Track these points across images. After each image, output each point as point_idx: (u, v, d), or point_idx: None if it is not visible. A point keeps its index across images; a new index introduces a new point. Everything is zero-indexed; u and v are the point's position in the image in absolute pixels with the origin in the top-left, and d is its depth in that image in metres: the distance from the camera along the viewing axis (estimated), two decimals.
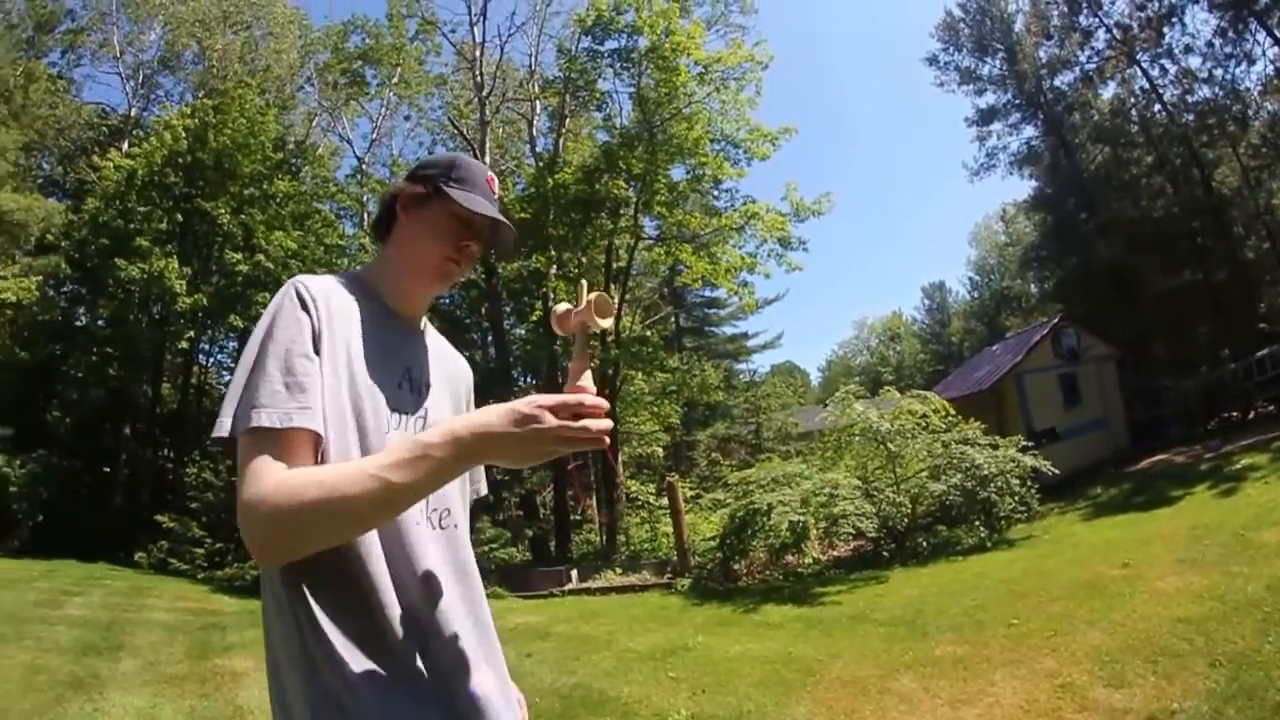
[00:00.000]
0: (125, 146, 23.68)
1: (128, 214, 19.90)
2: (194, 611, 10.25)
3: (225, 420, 0.97)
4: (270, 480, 0.90)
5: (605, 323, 1.04)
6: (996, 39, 25.50)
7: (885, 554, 9.41)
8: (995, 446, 9.93)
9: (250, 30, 27.88)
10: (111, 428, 22.10)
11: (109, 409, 21.45)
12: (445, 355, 1.28)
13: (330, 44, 22.62)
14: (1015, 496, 9.53)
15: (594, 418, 0.91)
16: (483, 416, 0.91)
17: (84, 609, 9.30)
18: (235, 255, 20.19)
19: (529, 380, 25.15)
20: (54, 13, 27.11)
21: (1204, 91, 21.83)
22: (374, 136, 25.76)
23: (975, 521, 9.38)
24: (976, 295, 45.11)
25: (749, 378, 33.27)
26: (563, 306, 1.08)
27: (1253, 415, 14.89)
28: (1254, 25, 19.91)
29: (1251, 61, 20.59)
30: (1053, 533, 9.40)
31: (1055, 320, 16.36)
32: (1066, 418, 14.38)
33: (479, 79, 20.98)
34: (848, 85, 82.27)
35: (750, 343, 35.60)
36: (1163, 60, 22.20)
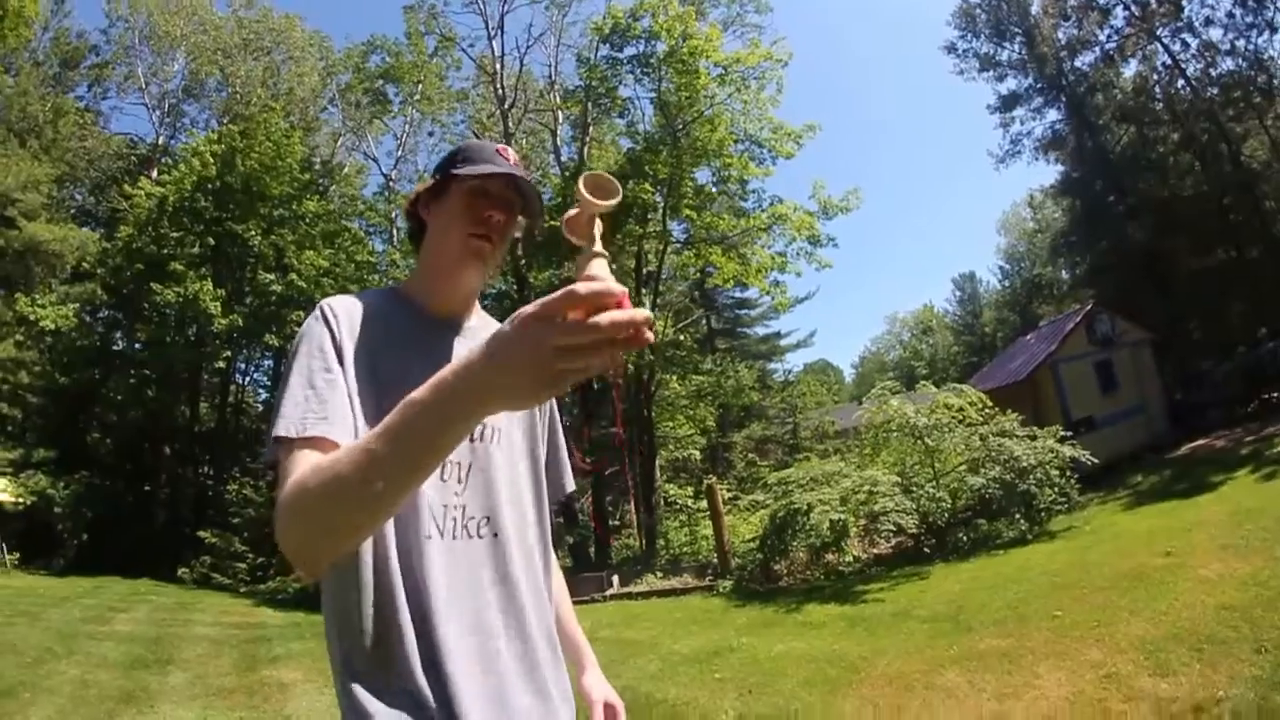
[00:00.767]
0: (155, 174, 24.24)
1: (161, 239, 20.40)
2: (239, 625, 10.42)
3: (269, 449, 0.97)
4: (287, 483, 0.87)
5: (608, 202, 0.84)
6: (1014, 23, 25.16)
7: (926, 550, 9.37)
8: (1033, 437, 9.85)
9: (271, 55, 28.45)
10: (151, 448, 22.65)
11: (148, 429, 21.95)
12: None
13: (351, 64, 22.94)
14: (1055, 487, 9.45)
15: (608, 310, 0.64)
16: (469, 354, 0.71)
17: (131, 624, 9.50)
18: (268, 275, 20.63)
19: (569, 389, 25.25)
20: (78, 49, 27.86)
21: (1227, 64, 21.41)
22: (399, 153, 26.13)
23: (1015, 514, 9.29)
24: (1008, 284, 44.39)
25: (784, 377, 33.06)
26: (571, 211, 0.87)
27: None
28: None
29: (1274, 30, 20.20)
30: (1094, 523, 9.30)
31: (1088, 306, 16.11)
32: (1104, 405, 14.16)
33: (500, 92, 21.14)
34: (870, 79, 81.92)
35: (783, 342, 35.33)
36: (1183, 34, 21.81)
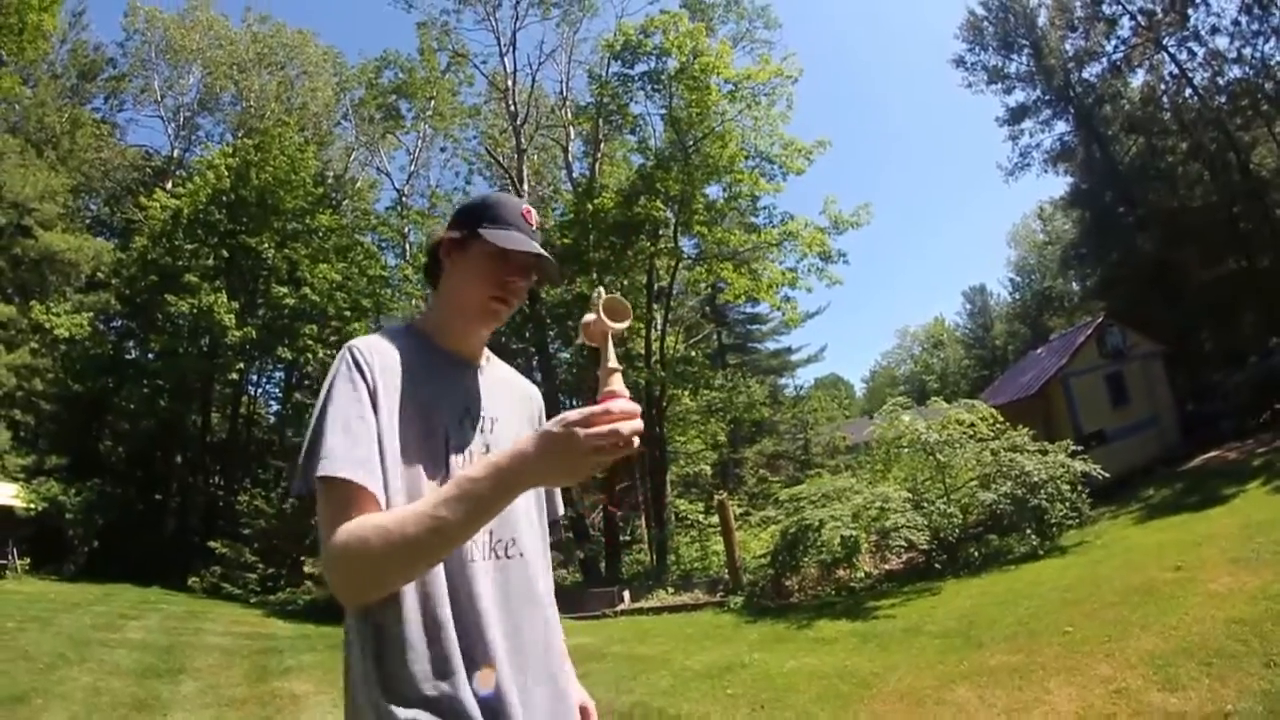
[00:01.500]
0: (169, 186, 24.49)
1: (175, 251, 20.60)
2: (250, 635, 10.43)
3: (300, 482, 1.06)
4: (341, 530, 0.98)
5: (620, 324, 1.06)
6: (1021, 35, 25.24)
7: (937, 565, 9.36)
8: (1044, 452, 9.86)
9: (285, 70, 28.78)
10: (163, 456, 22.84)
11: (160, 438, 22.12)
12: (512, 383, 1.34)
13: (364, 80, 23.19)
14: (1066, 502, 9.43)
15: (624, 422, 0.92)
16: (520, 444, 0.95)
17: (142, 632, 9.51)
18: (281, 288, 20.78)
19: (575, 403, 25.41)
20: (96, 61, 28.28)
21: (1234, 72, 21.37)
22: (412, 168, 26.33)
23: (1026, 529, 9.28)
24: (1018, 297, 44.30)
25: (795, 393, 33.01)
26: (589, 316, 1.09)
27: None
28: None
29: None
30: (1105, 537, 9.30)
31: (1099, 319, 16.10)
32: (1115, 418, 14.12)
33: (512, 108, 21.28)
34: (879, 93, 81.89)
35: (793, 357, 35.33)
36: (1190, 43, 21.80)
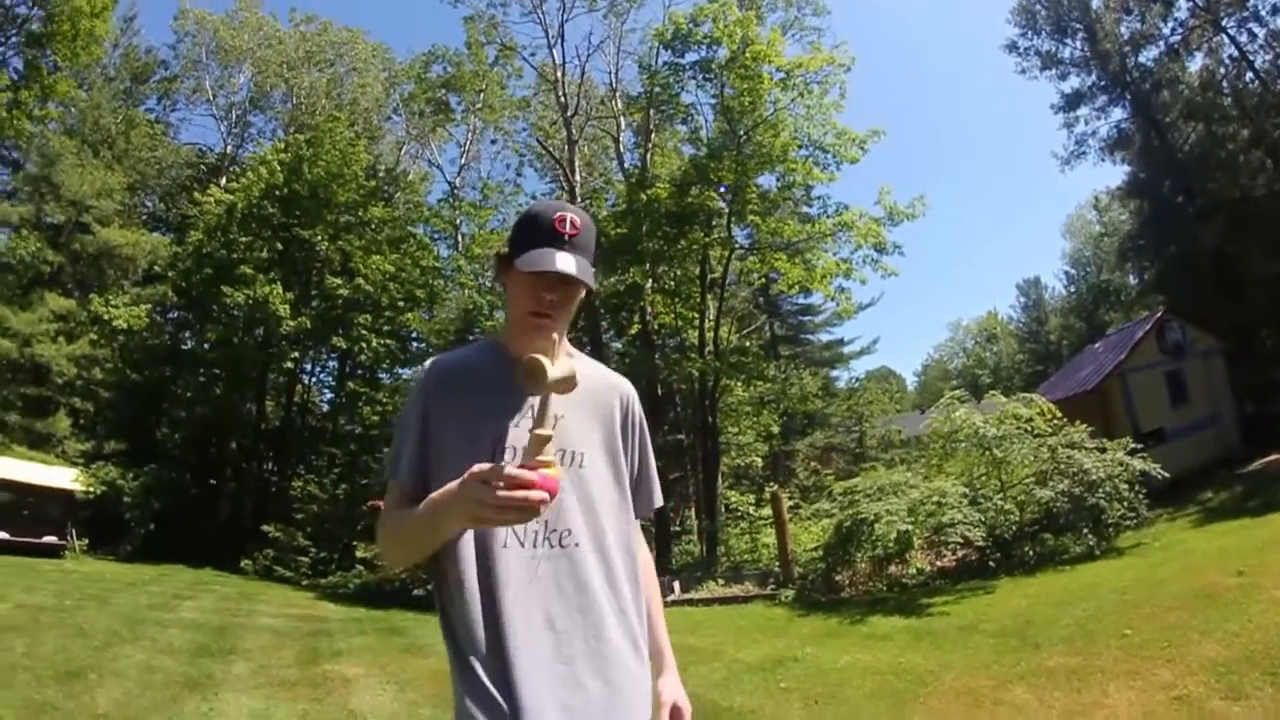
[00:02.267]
0: (223, 182, 25.21)
1: (230, 244, 21.22)
2: (301, 617, 10.67)
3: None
4: (383, 515, 1.30)
5: (532, 389, 1.13)
6: (1075, 18, 24.42)
7: (991, 563, 9.25)
8: (1102, 450, 9.66)
9: (334, 68, 29.35)
10: (218, 443, 23.54)
11: (215, 425, 22.80)
12: (597, 379, 1.41)
13: (413, 75, 23.52)
14: (1124, 502, 9.23)
15: (537, 491, 1.01)
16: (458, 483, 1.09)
17: (195, 612, 9.73)
18: (335, 280, 21.30)
19: None
20: (148, 64, 29.23)
21: None
22: (463, 161, 26.57)
23: (1083, 529, 9.11)
24: (1074, 290, 43.32)
25: (847, 385, 32.72)
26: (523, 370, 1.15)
27: None
28: None
29: None
30: (1163, 540, 9.12)
31: (1158, 314, 15.64)
32: (1174, 417, 13.73)
33: (562, 99, 21.36)
34: (933, 82, 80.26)
35: (846, 349, 34.84)
36: (1250, 24, 20.94)
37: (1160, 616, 5.54)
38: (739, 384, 18.66)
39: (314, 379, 26.48)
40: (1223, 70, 22.49)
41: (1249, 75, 21.65)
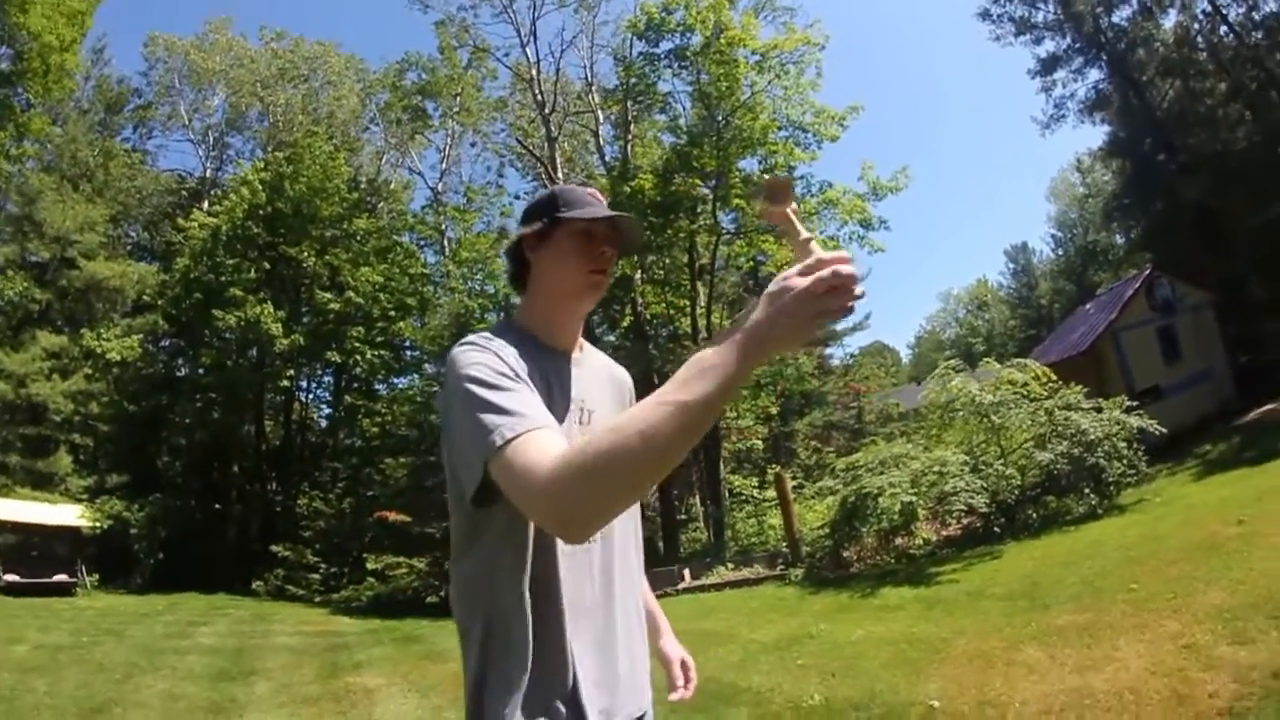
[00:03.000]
0: (206, 206, 25.13)
1: (217, 268, 21.18)
2: (318, 634, 10.71)
3: (474, 470, 1.01)
4: (547, 463, 0.92)
5: (779, 206, 1.02)
6: None
7: (996, 529, 9.32)
8: (1099, 410, 9.72)
9: (309, 83, 29.24)
10: (220, 467, 23.56)
11: (216, 450, 22.82)
12: (606, 370, 1.38)
13: (388, 84, 23.51)
14: (1123, 460, 9.31)
15: (839, 265, 0.86)
16: (744, 318, 0.89)
17: (212, 637, 9.79)
18: (325, 294, 21.29)
19: None
20: (121, 94, 29.05)
21: (1270, 5, 20.57)
22: (443, 166, 26.67)
23: (1084, 489, 9.20)
24: (1061, 253, 43.62)
25: (842, 362, 32.91)
26: (759, 205, 1.10)
27: None
28: None
29: None
30: (1164, 495, 9.22)
31: (1146, 272, 15.75)
32: (1168, 373, 13.85)
33: (539, 97, 21.42)
34: (909, 55, 79.90)
35: (839, 327, 35.00)
36: None
37: (1164, 570, 5.62)
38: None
39: (311, 395, 26.59)
40: (1196, 26, 22.52)
41: (1223, 29, 21.67)
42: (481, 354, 1.10)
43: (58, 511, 18.07)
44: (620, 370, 1.43)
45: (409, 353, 22.94)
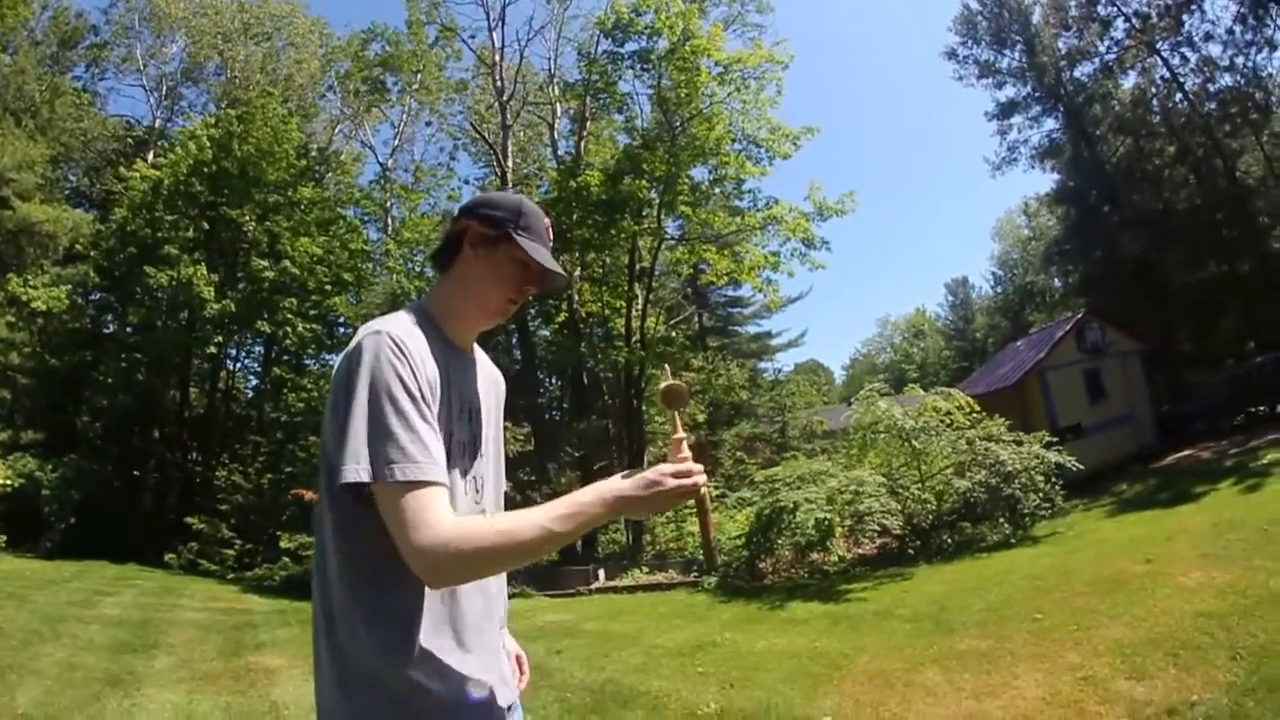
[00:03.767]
0: (150, 157, 24.04)
1: (155, 223, 20.28)
2: (225, 611, 10.42)
3: (357, 467, 1.05)
4: (447, 528, 1.04)
5: (673, 410, 1.33)
6: (1015, 31, 25.28)
7: (910, 551, 9.44)
8: (1019, 443, 9.94)
9: (271, 41, 28.24)
10: (140, 432, 22.53)
11: (138, 414, 21.79)
12: (488, 371, 1.40)
13: (351, 52, 22.95)
14: (1040, 493, 9.53)
15: (697, 476, 1.17)
16: (620, 485, 1.13)
17: (117, 608, 9.46)
18: (261, 262, 20.53)
19: (554, 381, 25.32)
20: (77, 28, 27.55)
21: (1225, 80, 21.53)
22: (396, 143, 25.97)
23: (1000, 518, 9.39)
24: (1000, 290, 44.77)
25: (774, 376, 33.27)
26: (661, 392, 1.38)
27: None
28: (1274, 11, 19.69)
29: (1273, 48, 20.33)
30: (1077, 529, 9.40)
31: (1079, 315, 16.25)
32: (1092, 413, 14.28)
33: (499, 84, 21.18)
34: (870, 82, 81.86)
35: (774, 341, 35.44)
36: (1183, 49, 21.90)
37: (1070, 601, 5.70)
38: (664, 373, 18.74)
39: (239, 365, 25.61)
40: (1154, 89, 23.46)
41: (1178, 96, 22.56)
42: (399, 364, 1.11)
43: None
44: (497, 371, 1.46)
45: (341, 329, 22.27)
